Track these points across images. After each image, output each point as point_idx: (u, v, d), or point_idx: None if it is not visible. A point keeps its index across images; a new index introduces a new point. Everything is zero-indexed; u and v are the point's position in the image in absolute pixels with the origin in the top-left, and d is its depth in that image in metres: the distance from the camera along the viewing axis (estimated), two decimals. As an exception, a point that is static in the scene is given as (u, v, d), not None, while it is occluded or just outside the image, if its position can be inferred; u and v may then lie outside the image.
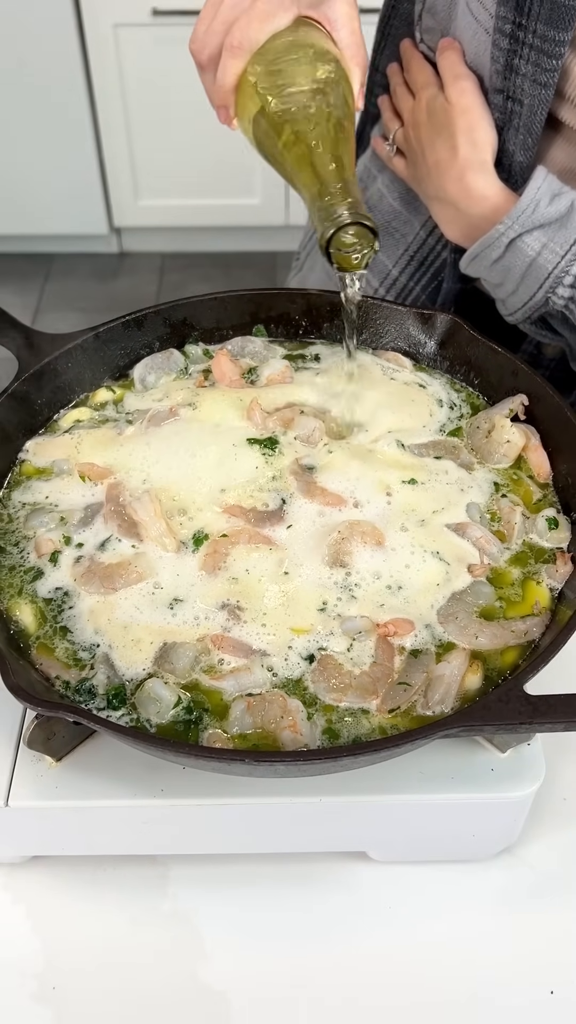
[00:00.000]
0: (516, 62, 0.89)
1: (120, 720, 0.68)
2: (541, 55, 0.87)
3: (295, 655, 0.71)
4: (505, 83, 0.92)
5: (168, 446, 0.84)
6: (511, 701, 0.64)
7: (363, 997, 0.73)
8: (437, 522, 0.79)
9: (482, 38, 0.94)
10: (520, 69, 0.89)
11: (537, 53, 0.87)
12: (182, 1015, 0.72)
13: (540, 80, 0.89)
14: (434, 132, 0.98)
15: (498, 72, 0.91)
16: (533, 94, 0.90)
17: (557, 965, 0.75)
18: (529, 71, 0.89)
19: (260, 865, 0.80)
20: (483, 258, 0.95)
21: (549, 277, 0.92)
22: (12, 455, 0.86)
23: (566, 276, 0.91)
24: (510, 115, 0.93)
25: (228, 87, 0.83)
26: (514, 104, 0.92)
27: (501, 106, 0.94)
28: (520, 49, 0.88)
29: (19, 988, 0.73)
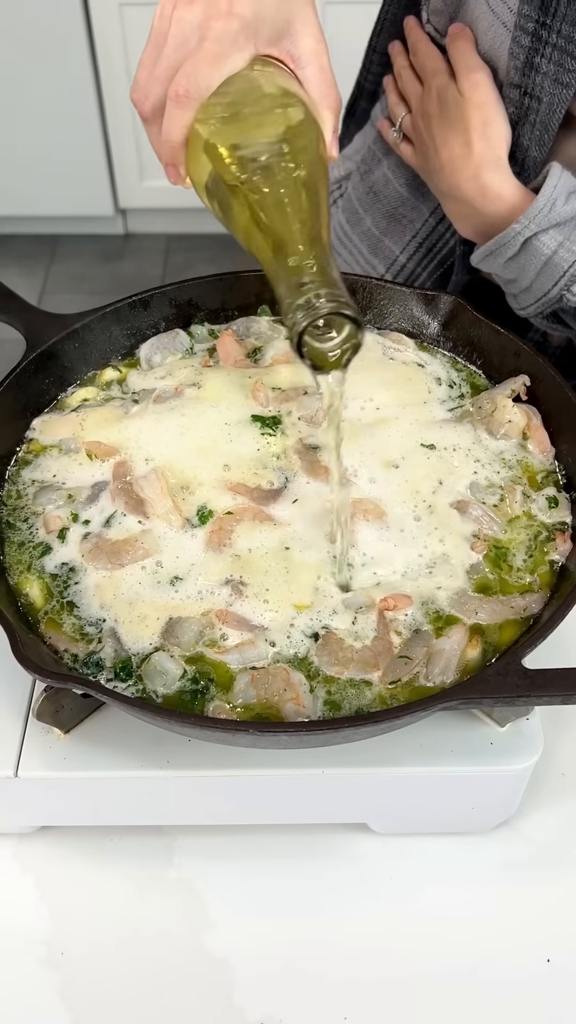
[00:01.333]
0: (537, 60, 0.88)
1: (127, 692, 0.70)
2: (565, 55, 0.86)
3: (298, 632, 0.73)
4: (524, 79, 0.90)
5: (173, 425, 0.85)
6: (510, 675, 0.65)
7: (363, 965, 0.75)
8: (439, 500, 0.80)
9: (499, 31, 0.93)
10: (541, 68, 0.88)
11: (560, 53, 0.86)
12: (187, 981, 0.74)
13: (562, 80, 0.88)
14: (447, 126, 0.96)
15: (517, 68, 0.90)
16: (553, 92, 0.89)
17: (554, 934, 0.77)
18: (551, 70, 0.88)
19: (264, 836, 0.81)
20: (497, 255, 0.94)
21: (565, 275, 0.91)
22: (20, 433, 0.87)
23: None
24: (526, 111, 0.92)
25: (176, 143, 0.72)
26: (531, 100, 0.91)
27: (517, 101, 0.92)
28: (543, 48, 0.87)
29: (28, 954, 0.75)
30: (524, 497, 0.82)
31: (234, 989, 0.73)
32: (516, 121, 0.93)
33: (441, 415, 0.88)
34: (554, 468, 0.85)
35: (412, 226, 1.14)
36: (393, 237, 1.16)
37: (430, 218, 1.12)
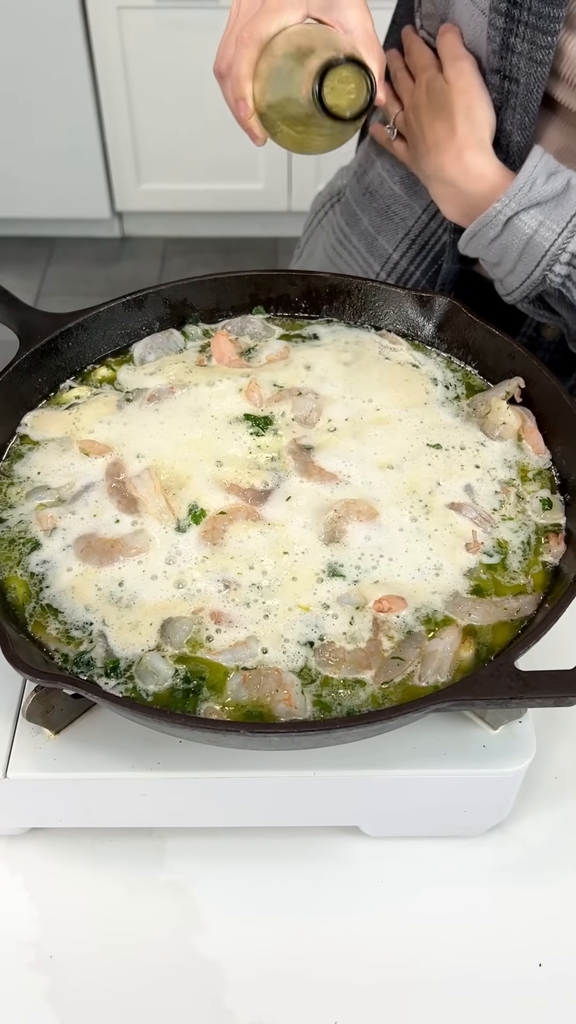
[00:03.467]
0: (512, 40, 0.90)
1: (117, 690, 0.69)
2: (536, 32, 0.88)
3: (292, 632, 0.72)
4: (502, 63, 0.92)
5: (167, 423, 0.85)
6: (502, 676, 0.65)
7: (354, 968, 0.75)
8: (435, 501, 0.80)
9: (479, 20, 0.94)
10: (516, 48, 0.90)
11: (532, 31, 0.88)
12: (177, 984, 0.73)
13: (536, 58, 0.89)
14: (433, 112, 0.99)
15: (495, 52, 0.92)
16: (529, 72, 0.91)
17: (546, 939, 0.76)
18: (525, 49, 0.89)
19: (255, 838, 0.81)
20: (481, 236, 0.95)
21: (546, 255, 0.92)
22: (12, 429, 0.87)
23: (563, 253, 0.91)
24: (507, 95, 0.94)
25: (242, 74, 0.82)
26: (511, 84, 0.93)
27: (498, 86, 0.94)
28: (516, 27, 0.89)
29: (17, 956, 0.75)
30: (518, 499, 0.82)
31: (225, 991, 0.73)
32: (499, 107, 0.95)
33: (445, 415, 0.88)
34: (548, 470, 0.85)
35: (405, 224, 1.15)
36: (387, 235, 1.17)
37: (423, 215, 1.13)
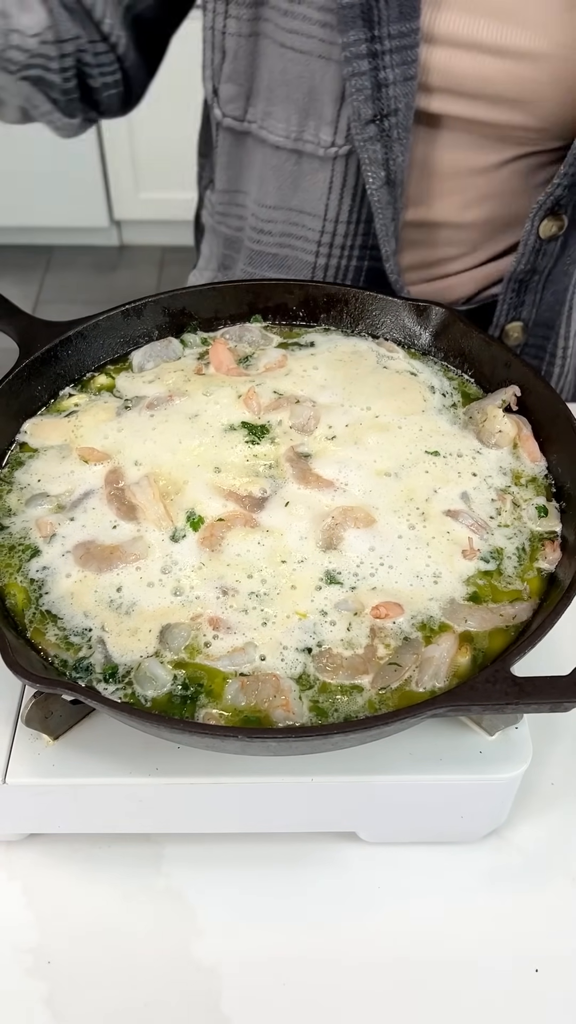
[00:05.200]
0: (382, 75, 0.91)
1: (115, 695, 0.70)
2: (403, 50, 0.89)
3: (291, 639, 0.73)
4: (376, 105, 0.93)
5: (165, 431, 0.86)
6: (498, 682, 0.66)
7: (351, 975, 0.75)
8: (432, 508, 0.81)
9: (317, 66, 0.96)
10: (388, 79, 0.91)
11: (399, 52, 0.90)
12: (174, 990, 0.74)
13: (409, 74, 0.91)
14: None
15: (366, 100, 0.93)
16: (405, 93, 0.92)
17: (542, 945, 0.77)
18: (397, 74, 0.91)
19: (252, 845, 0.81)
20: None
21: None
22: (11, 437, 0.87)
23: None
24: (388, 131, 0.95)
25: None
26: (389, 119, 0.94)
27: (376, 134, 0.95)
28: (381, 60, 0.90)
29: (14, 963, 0.75)
30: (514, 506, 0.83)
31: (221, 998, 0.73)
32: (386, 149, 0.96)
33: (443, 423, 0.89)
34: (544, 477, 0.85)
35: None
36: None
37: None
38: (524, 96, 0.97)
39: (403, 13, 0.89)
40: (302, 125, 1.02)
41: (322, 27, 0.93)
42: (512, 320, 1.16)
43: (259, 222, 1.12)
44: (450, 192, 1.08)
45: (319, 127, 1.01)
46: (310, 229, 1.10)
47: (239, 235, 1.18)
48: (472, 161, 1.04)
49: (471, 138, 1.02)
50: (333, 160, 1.03)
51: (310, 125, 1.01)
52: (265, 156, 1.07)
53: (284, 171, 1.06)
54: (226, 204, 1.18)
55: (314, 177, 1.05)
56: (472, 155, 1.04)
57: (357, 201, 1.05)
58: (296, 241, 1.11)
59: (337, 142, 1.01)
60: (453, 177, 1.06)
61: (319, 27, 0.93)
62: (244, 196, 1.14)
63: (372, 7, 0.88)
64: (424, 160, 1.03)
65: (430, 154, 1.02)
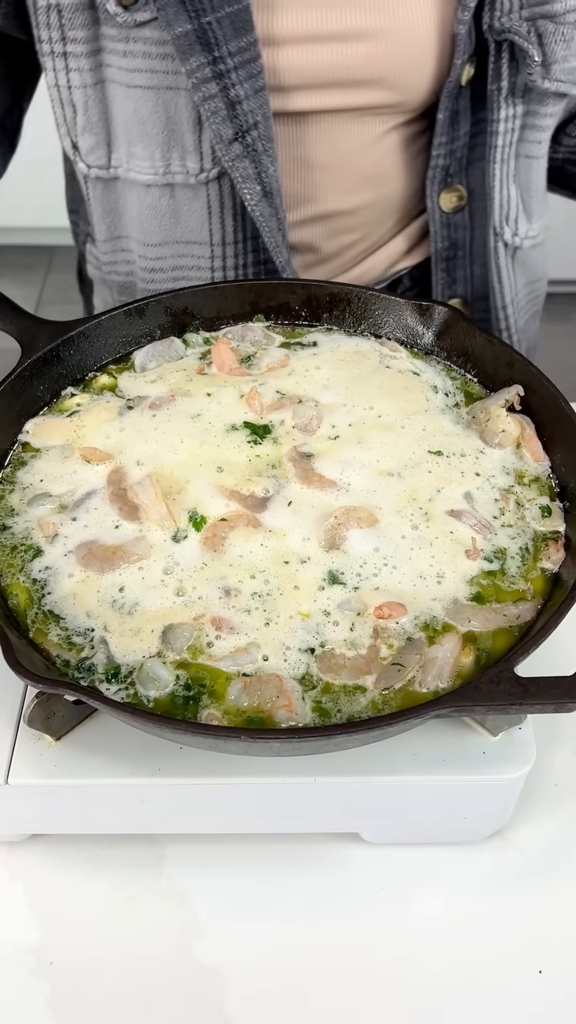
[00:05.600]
0: (233, 93, 0.91)
1: (118, 696, 0.69)
2: (247, 64, 0.90)
3: (293, 640, 0.73)
4: (235, 123, 0.94)
5: (168, 431, 0.86)
6: (502, 683, 0.65)
7: (353, 976, 0.75)
8: (435, 508, 0.80)
9: (167, 98, 0.96)
10: (240, 96, 0.92)
11: (243, 67, 0.90)
12: (176, 991, 0.73)
13: (258, 86, 0.92)
14: None
15: (223, 121, 0.93)
16: (260, 104, 0.93)
17: (545, 945, 0.76)
18: (247, 89, 0.91)
19: (254, 845, 0.81)
20: None
21: None
22: (13, 437, 0.87)
23: None
24: (252, 145, 0.95)
25: None
26: (250, 133, 0.94)
27: (241, 152, 0.95)
28: (228, 78, 0.91)
29: (17, 963, 0.75)
30: (518, 506, 0.82)
31: (224, 999, 0.73)
32: (256, 164, 0.97)
33: (446, 423, 0.88)
34: (547, 477, 0.85)
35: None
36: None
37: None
38: (377, 75, 0.98)
39: (237, 29, 0.89)
40: (167, 159, 1.02)
41: (163, 59, 0.94)
42: (451, 298, 1.17)
43: (148, 261, 1.13)
44: (331, 183, 1.08)
45: (184, 157, 1.02)
46: (200, 257, 1.11)
47: (131, 279, 1.19)
48: (344, 148, 1.05)
49: (339, 126, 1.03)
50: (206, 185, 1.04)
51: (175, 157, 1.02)
52: (139, 197, 1.07)
53: (161, 207, 1.07)
54: (111, 253, 1.18)
55: (191, 206, 1.06)
56: (343, 142, 1.04)
57: (239, 220, 1.06)
58: (189, 272, 1.12)
59: (205, 167, 1.02)
60: (330, 168, 1.07)
61: (160, 60, 0.94)
62: (127, 240, 1.15)
63: (206, 30, 0.89)
64: (298, 160, 1.04)
65: (302, 152, 1.03)
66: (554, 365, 1.23)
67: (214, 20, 0.88)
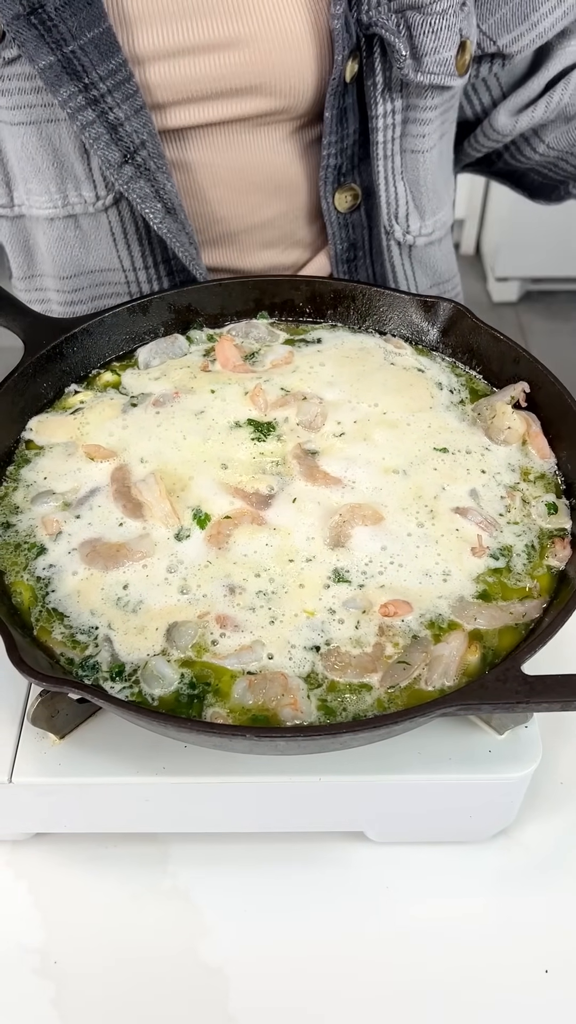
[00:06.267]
0: (113, 116, 0.90)
1: (122, 695, 0.69)
2: (121, 86, 0.89)
3: (298, 638, 0.72)
4: (120, 145, 0.92)
5: (171, 428, 0.85)
6: (509, 681, 0.65)
7: (359, 975, 0.74)
8: (440, 506, 0.80)
9: (49, 131, 0.95)
10: (120, 118, 0.90)
11: (118, 89, 0.89)
12: (181, 990, 0.73)
13: (137, 105, 0.90)
14: None
15: (107, 142, 0.92)
16: (140, 123, 0.91)
17: (552, 945, 0.76)
18: (126, 109, 0.90)
19: (259, 844, 0.81)
20: None
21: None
22: (16, 434, 0.87)
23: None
24: (144, 164, 0.94)
25: None
26: (139, 152, 0.93)
27: (132, 173, 0.94)
28: (104, 102, 0.89)
29: (21, 962, 0.74)
30: (524, 503, 0.82)
31: (228, 998, 0.73)
32: (153, 184, 0.95)
33: (451, 420, 0.88)
34: (554, 474, 0.85)
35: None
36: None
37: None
38: (254, 82, 0.95)
39: (103, 53, 0.88)
40: (63, 191, 1.01)
41: (37, 93, 0.93)
42: None
43: (65, 295, 1.12)
44: (234, 200, 1.06)
45: (79, 187, 1.01)
46: (116, 283, 1.10)
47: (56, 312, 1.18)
48: (241, 161, 1.03)
49: (230, 139, 1.01)
50: (107, 212, 1.03)
51: (70, 188, 1.01)
52: (45, 232, 1.07)
53: (69, 238, 1.06)
54: (29, 291, 1.18)
55: (96, 234, 1.05)
56: (238, 155, 1.02)
57: (145, 244, 1.05)
58: (109, 300, 1.11)
59: (100, 194, 1.01)
60: (230, 184, 1.04)
61: (35, 95, 0.93)
62: (42, 279, 1.14)
63: (71, 59, 0.87)
64: (195, 181, 1.02)
65: (198, 172, 1.01)
66: (558, 362, 1.23)
67: (77, 48, 0.87)
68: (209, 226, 1.07)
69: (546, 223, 2.68)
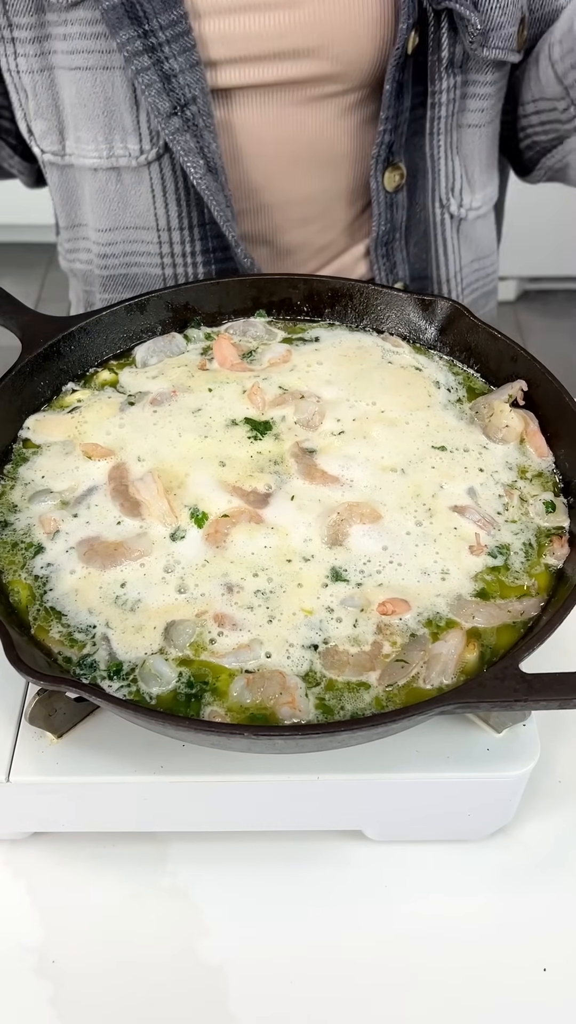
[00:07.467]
0: (167, 66, 0.91)
1: (120, 693, 0.69)
2: (179, 38, 0.90)
3: (296, 636, 0.72)
4: (172, 97, 0.93)
5: (169, 427, 0.85)
6: (507, 679, 0.65)
7: (358, 974, 0.74)
8: (438, 504, 0.80)
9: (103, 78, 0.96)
10: (175, 69, 0.91)
11: (176, 41, 0.90)
12: (180, 989, 0.73)
13: (192, 60, 0.91)
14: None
15: (159, 93, 0.93)
16: (195, 79, 0.92)
17: (550, 943, 0.76)
18: (182, 62, 0.91)
19: (258, 843, 0.81)
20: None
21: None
22: (14, 433, 0.87)
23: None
24: (192, 120, 0.94)
25: None
26: (189, 108, 0.94)
27: (180, 125, 0.95)
28: (161, 51, 0.90)
29: (20, 962, 0.74)
30: (521, 501, 0.82)
31: (228, 997, 0.73)
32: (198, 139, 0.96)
33: (449, 418, 0.88)
34: (551, 472, 0.85)
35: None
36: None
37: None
38: (311, 44, 0.96)
39: (166, 2, 0.89)
40: (110, 141, 1.02)
41: (96, 39, 0.94)
42: (394, 282, 1.16)
43: (101, 247, 1.13)
44: (279, 169, 1.07)
45: (125, 138, 1.01)
46: (148, 243, 1.10)
47: (90, 268, 1.19)
48: (287, 131, 1.03)
49: (279, 106, 1.01)
50: (148, 167, 1.03)
51: (116, 139, 1.02)
52: (90, 182, 1.08)
53: (109, 192, 1.07)
54: (72, 240, 1.19)
55: (137, 190, 1.06)
56: (285, 125, 1.02)
57: (183, 205, 1.06)
58: (140, 258, 1.12)
59: (144, 148, 1.02)
60: (277, 153, 1.05)
61: (94, 40, 0.94)
62: (84, 228, 1.15)
63: (135, 4, 0.89)
64: (240, 146, 1.03)
65: (244, 138, 1.02)
66: (556, 361, 1.23)
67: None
68: (248, 196, 1.07)
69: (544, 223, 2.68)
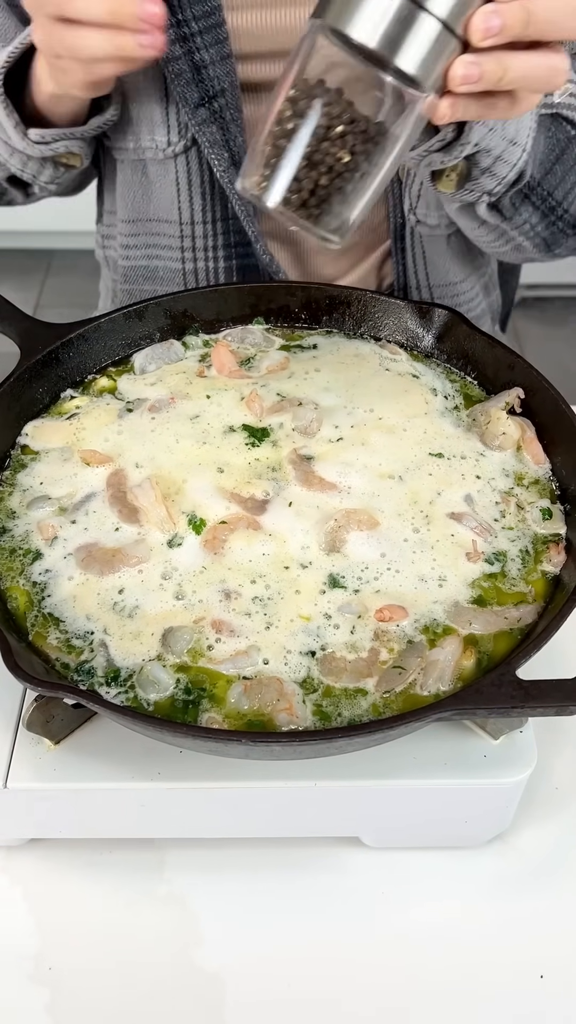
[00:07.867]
0: (198, 57, 0.91)
1: (117, 699, 0.69)
2: (212, 30, 0.90)
3: (294, 643, 0.72)
4: (201, 87, 0.93)
5: (167, 434, 0.85)
6: (504, 686, 0.65)
7: (355, 980, 0.74)
8: (436, 511, 0.80)
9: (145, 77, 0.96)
10: (205, 60, 0.91)
11: (209, 32, 0.90)
12: (177, 997, 0.73)
13: (224, 53, 0.91)
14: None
15: (188, 83, 0.93)
16: (225, 71, 0.92)
17: (547, 950, 0.76)
18: (213, 54, 0.91)
19: (255, 850, 0.81)
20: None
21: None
22: (12, 439, 0.87)
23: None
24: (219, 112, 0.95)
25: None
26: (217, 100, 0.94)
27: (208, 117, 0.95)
28: (193, 42, 0.90)
29: (16, 969, 0.74)
30: (519, 509, 0.82)
31: (224, 1005, 0.72)
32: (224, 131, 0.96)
33: (446, 426, 0.88)
34: (548, 479, 0.85)
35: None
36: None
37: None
38: None
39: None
40: (138, 133, 1.03)
41: None
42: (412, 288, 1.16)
43: (124, 238, 1.14)
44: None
45: (153, 130, 1.02)
46: (170, 236, 1.10)
47: (117, 256, 1.19)
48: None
49: None
50: (174, 160, 1.03)
51: (143, 131, 1.02)
52: (119, 172, 1.09)
53: (135, 183, 1.08)
54: (106, 227, 1.19)
55: (161, 183, 1.06)
56: None
57: (207, 199, 1.06)
58: (161, 251, 1.12)
59: (172, 140, 1.02)
60: None
61: None
62: (114, 215, 1.16)
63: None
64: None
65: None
66: (553, 368, 1.23)
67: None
68: None
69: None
